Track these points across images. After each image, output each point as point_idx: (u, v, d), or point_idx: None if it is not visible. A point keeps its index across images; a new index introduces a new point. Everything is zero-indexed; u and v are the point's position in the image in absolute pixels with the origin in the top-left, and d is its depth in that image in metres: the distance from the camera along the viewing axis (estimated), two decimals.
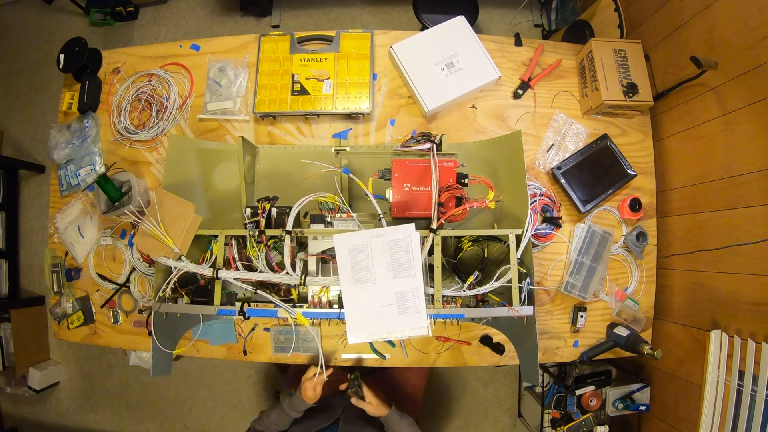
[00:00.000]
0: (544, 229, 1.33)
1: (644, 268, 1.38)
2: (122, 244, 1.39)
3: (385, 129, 1.40)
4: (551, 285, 1.35)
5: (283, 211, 1.09)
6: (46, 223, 2.37)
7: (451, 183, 1.10)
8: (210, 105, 1.41)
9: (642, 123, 1.43)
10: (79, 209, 1.43)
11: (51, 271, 1.41)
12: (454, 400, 2.24)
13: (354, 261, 0.99)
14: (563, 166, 1.35)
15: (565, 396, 1.52)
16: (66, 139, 1.45)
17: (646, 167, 1.42)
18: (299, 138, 1.41)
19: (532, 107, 1.43)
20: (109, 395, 2.39)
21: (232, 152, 1.33)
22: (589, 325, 1.36)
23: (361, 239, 0.99)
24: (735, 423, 1.09)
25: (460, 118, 1.41)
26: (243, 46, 1.47)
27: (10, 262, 2.35)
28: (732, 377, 1.12)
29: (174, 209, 1.06)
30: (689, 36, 1.34)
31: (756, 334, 1.09)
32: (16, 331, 2.21)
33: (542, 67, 1.45)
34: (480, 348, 1.33)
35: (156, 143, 1.43)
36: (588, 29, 1.75)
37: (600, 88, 1.32)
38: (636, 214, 1.36)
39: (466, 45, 1.36)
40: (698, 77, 1.24)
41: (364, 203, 1.28)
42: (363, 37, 1.41)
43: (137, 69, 1.49)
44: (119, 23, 2.59)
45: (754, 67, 1.12)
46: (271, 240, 1.09)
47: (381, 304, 0.99)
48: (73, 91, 1.48)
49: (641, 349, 1.22)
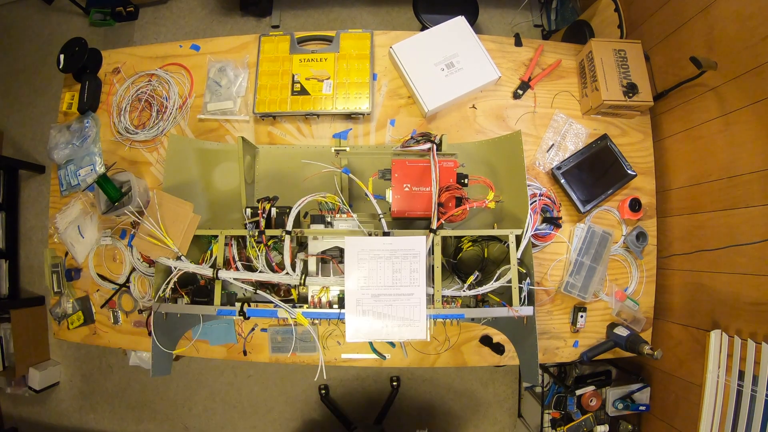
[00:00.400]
0: (544, 230, 1.33)
1: (644, 268, 1.38)
2: (122, 244, 1.39)
3: (385, 129, 1.40)
4: (551, 285, 1.35)
5: (283, 211, 1.09)
6: (46, 223, 2.37)
7: (451, 183, 1.10)
8: (210, 105, 1.41)
9: (642, 123, 1.43)
10: (79, 209, 1.43)
11: (51, 271, 1.41)
12: (454, 400, 2.24)
13: (361, 263, 1.01)
14: (563, 166, 1.35)
15: (565, 396, 1.52)
16: (66, 140, 1.45)
17: (646, 167, 1.42)
18: (299, 138, 1.41)
19: (532, 107, 1.43)
20: (109, 395, 2.39)
21: (232, 152, 1.33)
22: (589, 326, 1.36)
23: (371, 245, 1.01)
24: (735, 423, 1.09)
25: (460, 118, 1.41)
26: (243, 47, 1.47)
27: (10, 262, 2.35)
28: (732, 377, 1.12)
29: (173, 209, 1.07)
30: (689, 36, 1.34)
31: (756, 334, 1.09)
32: (16, 331, 2.21)
33: (542, 67, 1.45)
34: (480, 348, 1.33)
35: (156, 143, 1.43)
36: (588, 29, 1.75)
37: (600, 89, 1.32)
38: (636, 215, 1.36)
39: (466, 45, 1.36)
40: (698, 77, 1.24)
41: (364, 203, 1.28)
42: (363, 37, 1.41)
43: (137, 69, 1.49)
44: (119, 23, 2.59)
45: (754, 67, 1.12)
46: (271, 240, 1.09)
47: (382, 306, 1.00)
48: (73, 91, 1.48)
49: (641, 350, 1.22)
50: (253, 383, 2.33)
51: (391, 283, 1.00)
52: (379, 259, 1.01)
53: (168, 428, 2.36)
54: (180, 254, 1.06)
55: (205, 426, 2.34)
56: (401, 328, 1.00)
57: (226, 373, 2.35)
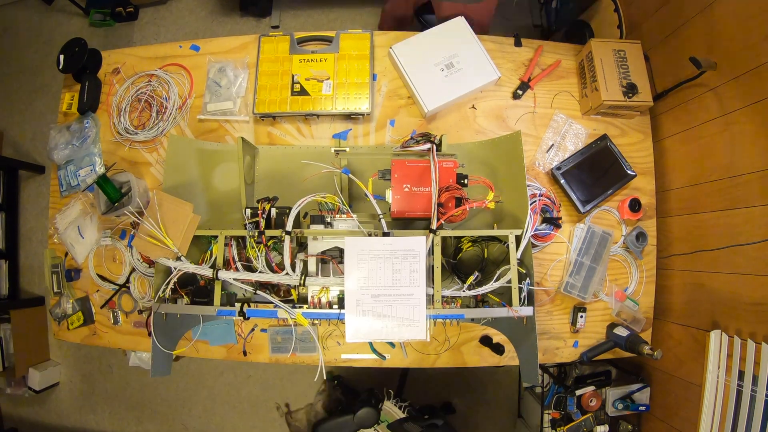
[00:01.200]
0: (543, 230, 1.33)
1: (644, 269, 1.38)
2: (122, 244, 1.39)
3: (384, 129, 1.40)
4: (551, 285, 1.35)
5: (282, 211, 1.09)
6: (46, 223, 2.36)
7: (451, 183, 1.10)
8: (210, 105, 1.41)
9: (641, 123, 1.43)
10: (79, 210, 1.42)
11: (51, 271, 1.41)
12: (454, 400, 2.24)
13: (360, 263, 1.01)
14: (563, 167, 1.35)
15: (564, 396, 1.52)
16: (66, 140, 1.45)
17: (646, 167, 1.42)
18: (299, 138, 1.41)
19: (532, 108, 1.43)
20: (108, 396, 2.39)
21: (231, 153, 1.32)
22: (589, 326, 1.36)
23: (371, 245, 1.01)
24: (735, 423, 1.09)
25: (460, 118, 1.41)
26: (243, 47, 1.47)
27: (10, 263, 2.35)
28: (732, 377, 1.12)
29: (172, 210, 1.07)
30: (689, 36, 1.34)
31: (756, 334, 1.09)
32: (16, 331, 2.21)
33: (542, 67, 1.45)
34: (480, 348, 1.33)
35: (156, 144, 1.43)
36: (588, 29, 1.75)
37: (600, 89, 1.32)
38: (636, 215, 1.36)
39: (466, 45, 1.36)
40: (698, 77, 1.24)
41: (364, 204, 1.28)
42: (363, 38, 1.41)
43: (137, 69, 1.49)
44: (119, 24, 2.59)
45: (754, 67, 1.12)
46: (270, 240, 1.09)
47: (382, 307, 1.00)
48: (72, 91, 1.48)
49: (641, 350, 1.22)
50: (252, 383, 2.33)
51: (390, 283, 1.00)
52: (378, 259, 1.01)
53: (167, 428, 2.37)
54: (180, 254, 1.06)
55: (205, 426, 2.34)
56: (401, 328, 1.00)
57: (225, 374, 2.35)
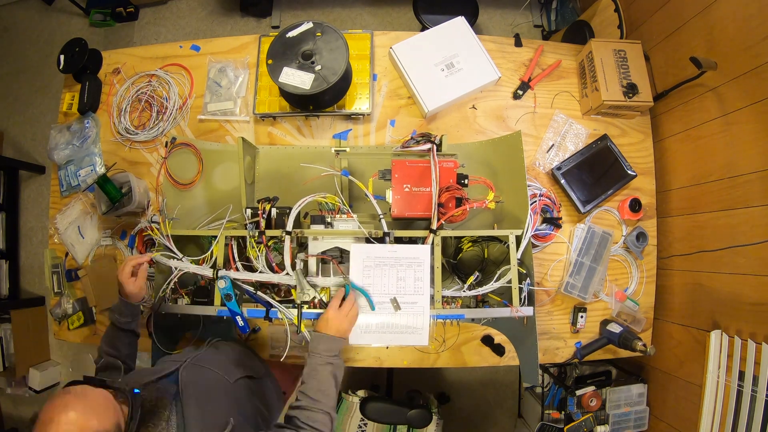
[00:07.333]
0: (544, 230, 1.33)
1: (644, 269, 1.38)
2: (122, 244, 1.39)
3: (385, 129, 1.40)
4: (551, 285, 1.35)
5: (283, 211, 1.09)
6: (46, 223, 2.36)
7: (451, 183, 1.10)
8: (210, 106, 1.41)
9: (642, 123, 1.43)
10: (80, 210, 1.43)
11: (51, 271, 1.41)
12: (454, 401, 2.24)
13: (366, 270, 1.01)
14: (563, 167, 1.35)
15: (565, 396, 1.52)
16: (66, 140, 1.45)
17: (646, 167, 1.42)
18: (299, 138, 1.41)
19: (532, 108, 1.43)
20: None
21: (232, 153, 1.32)
22: (589, 326, 1.36)
23: (376, 252, 1.02)
24: (735, 423, 1.09)
25: (460, 118, 1.41)
26: (243, 47, 1.47)
27: (11, 263, 2.35)
28: (732, 378, 1.12)
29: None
30: (689, 36, 1.34)
31: (756, 334, 1.09)
32: (16, 331, 2.21)
33: (542, 67, 1.45)
34: (480, 348, 1.33)
35: (156, 144, 1.43)
36: (588, 30, 1.75)
37: (600, 89, 1.32)
38: (636, 215, 1.36)
39: (466, 45, 1.36)
40: (698, 78, 1.24)
41: (364, 204, 1.28)
42: (363, 38, 1.41)
43: (137, 70, 1.49)
44: (119, 24, 2.59)
45: (754, 67, 1.12)
46: (271, 240, 1.09)
47: (386, 315, 1.01)
48: (73, 91, 1.48)
49: (634, 346, 1.22)
50: None
51: (395, 291, 1.00)
52: (383, 266, 1.01)
53: None
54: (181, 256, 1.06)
55: None
56: (404, 335, 1.01)
57: None
